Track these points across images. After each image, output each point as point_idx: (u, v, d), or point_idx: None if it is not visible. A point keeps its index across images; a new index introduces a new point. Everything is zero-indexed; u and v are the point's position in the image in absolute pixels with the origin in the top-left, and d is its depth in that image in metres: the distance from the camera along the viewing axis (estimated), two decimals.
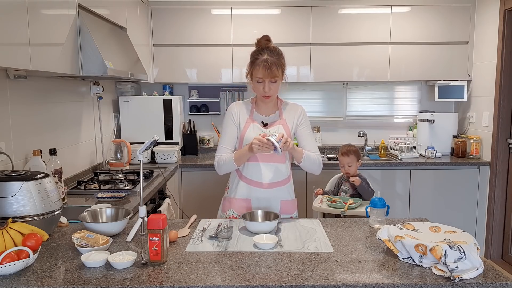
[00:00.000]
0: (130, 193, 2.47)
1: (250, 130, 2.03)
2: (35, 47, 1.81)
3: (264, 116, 2.09)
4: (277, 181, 2.06)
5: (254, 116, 2.08)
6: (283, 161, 2.07)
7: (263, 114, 2.09)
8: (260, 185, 2.04)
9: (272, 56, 1.92)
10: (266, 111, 2.09)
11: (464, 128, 4.15)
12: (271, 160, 2.04)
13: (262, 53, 1.94)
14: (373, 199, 1.85)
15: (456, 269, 1.31)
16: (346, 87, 4.34)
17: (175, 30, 3.89)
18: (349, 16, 3.88)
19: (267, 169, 2.04)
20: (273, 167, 2.05)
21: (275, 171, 2.05)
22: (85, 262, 1.40)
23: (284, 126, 2.06)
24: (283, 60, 1.98)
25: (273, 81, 1.94)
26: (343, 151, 2.81)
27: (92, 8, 2.46)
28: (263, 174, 2.04)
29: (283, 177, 2.08)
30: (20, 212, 1.59)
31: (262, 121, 2.07)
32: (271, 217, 1.84)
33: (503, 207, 3.70)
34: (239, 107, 2.09)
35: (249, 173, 2.05)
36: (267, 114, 2.09)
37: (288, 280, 1.30)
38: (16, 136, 2.20)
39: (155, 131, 3.78)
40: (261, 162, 2.03)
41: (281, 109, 2.10)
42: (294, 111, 2.11)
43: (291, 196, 2.14)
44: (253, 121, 2.06)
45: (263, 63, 1.91)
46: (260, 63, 1.92)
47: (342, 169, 2.81)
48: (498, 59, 3.59)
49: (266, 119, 2.08)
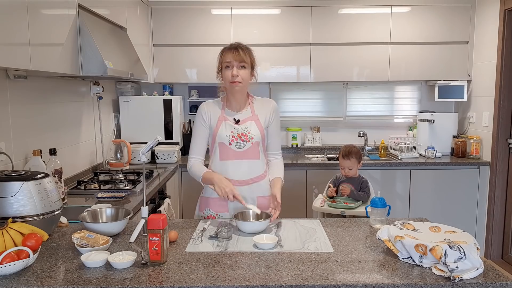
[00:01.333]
0: (130, 193, 2.47)
1: (223, 127, 2.03)
2: (35, 47, 1.81)
3: (236, 113, 2.07)
4: (253, 177, 2.06)
5: (226, 113, 2.07)
6: (258, 157, 2.06)
7: (234, 110, 2.08)
8: (237, 182, 2.02)
9: (241, 45, 2.00)
10: (237, 107, 2.08)
11: (464, 128, 4.15)
12: (245, 157, 2.03)
13: (232, 44, 2.01)
14: (373, 199, 1.85)
15: (456, 269, 1.31)
16: (346, 87, 4.34)
17: (175, 30, 3.89)
18: (349, 16, 3.88)
19: (242, 166, 2.04)
20: (248, 163, 2.04)
21: (250, 167, 2.05)
22: (85, 262, 1.40)
23: (256, 123, 2.06)
24: (253, 55, 2.04)
25: (241, 66, 1.97)
26: (344, 153, 2.76)
27: (92, 8, 2.46)
28: (238, 171, 2.03)
29: (259, 173, 2.08)
30: (20, 212, 1.58)
31: (234, 118, 2.05)
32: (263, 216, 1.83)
33: (503, 207, 3.70)
34: (209, 106, 2.10)
35: (223, 171, 2.03)
36: (239, 110, 2.08)
37: (288, 280, 1.30)
38: (16, 136, 2.20)
39: (155, 131, 3.78)
40: (235, 159, 2.03)
41: (251, 105, 2.10)
42: (266, 107, 2.11)
43: (268, 191, 2.10)
44: (225, 118, 2.05)
45: (230, 47, 1.98)
46: (227, 48, 1.99)
47: (342, 171, 2.79)
48: (498, 59, 3.59)
49: (238, 116, 2.06)
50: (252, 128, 2.04)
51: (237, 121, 2.05)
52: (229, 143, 2.01)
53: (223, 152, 2.03)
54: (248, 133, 2.03)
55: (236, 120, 2.05)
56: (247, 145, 2.03)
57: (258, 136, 2.04)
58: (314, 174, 3.70)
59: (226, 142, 2.01)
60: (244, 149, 2.03)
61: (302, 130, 4.35)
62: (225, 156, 2.03)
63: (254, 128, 2.04)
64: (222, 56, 2.00)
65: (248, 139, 2.02)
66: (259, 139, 2.05)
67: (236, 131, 2.02)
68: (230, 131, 2.02)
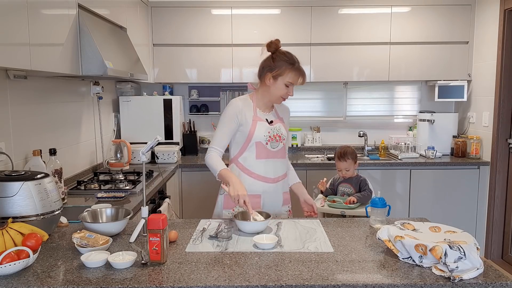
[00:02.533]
0: (130, 193, 2.47)
1: (260, 127, 2.09)
2: (35, 47, 1.81)
3: (265, 114, 2.16)
4: (281, 174, 2.18)
5: (257, 113, 2.13)
6: (284, 156, 2.21)
7: (264, 111, 2.16)
8: (270, 180, 2.13)
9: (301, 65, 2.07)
10: (266, 108, 2.16)
11: (464, 128, 4.15)
12: (277, 156, 2.14)
13: (296, 60, 2.05)
14: (374, 199, 1.85)
15: (456, 269, 1.31)
16: (346, 87, 4.34)
17: (175, 30, 3.89)
18: (349, 16, 3.88)
19: (275, 165, 2.14)
20: (278, 162, 2.16)
21: (280, 165, 2.17)
22: (85, 262, 1.40)
23: (282, 125, 2.19)
24: None
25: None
26: (339, 155, 2.75)
27: (92, 8, 2.46)
28: (272, 170, 2.13)
29: (285, 171, 2.22)
30: (20, 212, 1.58)
31: (266, 118, 2.13)
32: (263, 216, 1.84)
33: (503, 207, 3.70)
34: (243, 105, 2.11)
35: (256, 169, 2.11)
36: (267, 112, 2.17)
37: (288, 280, 1.30)
38: (16, 136, 2.20)
39: (155, 131, 3.78)
40: (269, 158, 2.12)
41: (275, 107, 2.21)
42: (284, 110, 2.26)
43: (288, 187, 2.28)
44: (258, 118, 2.11)
45: (301, 70, 2.04)
46: (298, 68, 2.03)
47: (340, 173, 2.79)
48: (498, 59, 3.59)
49: (268, 117, 2.16)
50: (282, 129, 2.16)
51: (270, 122, 2.13)
52: (265, 143, 2.09)
53: (259, 151, 2.10)
54: (281, 134, 2.14)
55: (269, 121, 2.13)
56: (280, 145, 2.14)
57: (286, 137, 2.18)
58: (314, 174, 3.70)
59: (263, 142, 2.09)
60: (277, 149, 2.13)
61: (302, 130, 4.35)
62: (261, 155, 2.11)
63: (283, 129, 2.17)
64: (289, 71, 2.02)
65: (281, 140, 2.14)
66: (286, 140, 2.19)
67: (272, 132, 2.11)
68: (267, 132, 2.10)
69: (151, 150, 3.67)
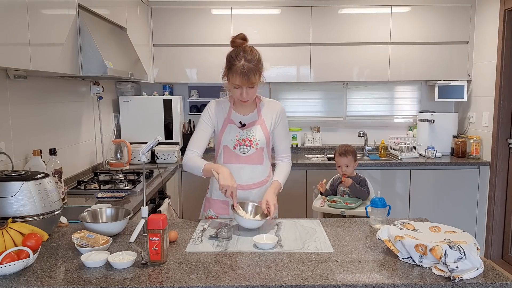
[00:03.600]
0: (130, 193, 2.47)
1: (227, 131, 2.00)
2: (35, 47, 1.80)
3: (242, 116, 2.04)
4: (255, 182, 2.04)
5: (232, 115, 2.03)
6: (261, 162, 2.04)
7: (241, 113, 2.04)
8: (239, 186, 1.96)
9: (249, 61, 1.84)
10: (244, 110, 2.05)
11: (464, 128, 4.15)
12: (248, 162, 2.01)
13: (238, 58, 1.85)
14: (374, 199, 1.85)
15: (456, 269, 1.31)
16: (346, 87, 4.34)
17: (175, 30, 3.89)
18: (349, 16, 3.88)
19: (245, 171, 2.01)
20: (251, 168, 2.02)
21: (252, 172, 2.03)
22: (85, 262, 1.40)
23: (261, 127, 2.02)
24: (261, 65, 1.91)
25: (250, 87, 1.88)
26: (340, 151, 2.78)
27: (92, 8, 2.46)
28: (241, 176, 2.00)
29: (262, 178, 2.06)
30: (20, 212, 1.58)
31: (240, 121, 2.02)
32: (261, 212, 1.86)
33: (503, 207, 3.70)
34: (217, 106, 2.05)
35: None
36: (246, 113, 2.04)
37: (288, 280, 1.30)
38: (16, 136, 2.20)
39: (155, 131, 3.78)
40: (239, 164, 2.01)
41: (259, 107, 2.06)
42: (272, 109, 2.06)
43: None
44: (231, 121, 2.02)
45: (240, 69, 1.83)
46: (237, 69, 1.84)
47: (339, 169, 2.79)
48: (498, 59, 3.59)
49: (244, 119, 2.03)
50: (257, 133, 2.01)
51: (242, 124, 2.02)
52: (233, 147, 2.00)
53: (227, 155, 2.02)
54: (253, 138, 2.00)
55: (242, 124, 2.02)
56: (251, 150, 2.00)
57: (262, 141, 2.01)
58: (314, 174, 3.70)
59: (230, 146, 2.00)
60: (248, 154, 2.00)
61: (302, 130, 4.35)
62: (229, 159, 2.01)
63: (259, 133, 2.01)
64: (230, 73, 1.87)
65: (253, 144, 2.00)
66: (263, 144, 2.02)
67: (241, 136, 2.00)
68: (235, 135, 1.99)
69: (151, 150, 3.67)
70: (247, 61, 1.84)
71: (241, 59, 1.84)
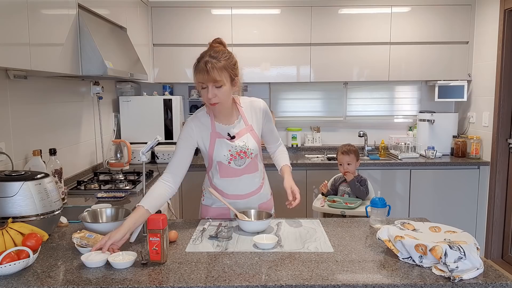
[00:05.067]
0: (130, 193, 2.47)
1: (218, 147, 1.86)
2: (35, 47, 1.80)
3: (228, 126, 1.88)
4: (252, 190, 1.99)
5: (217, 128, 1.87)
6: (256, 169, 1.98)
7: (225, 123, 1.88)
8: (239, 196, 1.96)
9: (213, 58, 1.71)
10: (226, 119, 1.89)
11: (464, 128, 4.15)
12: (245, 173, 1.93)
13: (203, 57, 1.73)
14: (374, 199, 1.85)
15: (456, 269, 1.31)
16: (346, 87, 4.34)
17: (175, 30, 3.89)
18: (349, 16, 3.88)
19: (242, 182, 1.94)
20: (248, 178, 1.95)
21: (250, 180, 1.96)
22: (85, 262, 1.40)
23: (251, 134, 1.91)
24: (231, 64, 1.76)
25: (217, 86, 1.72)
26: (343, 150, 2.80)
27: (92, 8, 2.46)
28: (239, 187, 1.95)
29: (258, 185, 2.00)
30: (20, 212, 1.58)
31: (228, 133, 1.87)
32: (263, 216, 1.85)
33: (503, 207, 3.70)
34: (197, 123, 1.88)
35: (225, 188, 1.95)
36: (230, 122, 1.89)
37: (288, 280, 1.30)
38: (16, 136, 2.20)
39: (155, 131, 3.78)
40: (235, 177, 1.92)
41: (242, 113, 1.91)
42: (255, 110, 1.94)
43: (267, 196, 2.07)
44: (218, 135, 1.86)
45: (201, 66, 1.71)
46: (199, 66, 1.72)
47: (341, 168, 2.80)
48: (498, 59, 3.59)
49: (231, 130, 1.88)
50: (250, 142, 1.89)
51: (232, 137, 1.87)
52: (227, 162, 1.88)
53: (223, 171, 1.92)
54: (247, 149, 1.88)
55: (231, 136, 1.87)
56: (247, 161, 1.90)
57: (256, 149, 1.92)
58: (314, 174, 3.70)
59: (224, 162, 1.88)
60: (245, 165, 1.91)
61: (302, 130, 4.35)
62: (226, 174, 1.92)
63: (252, 141, 1.90)
64: (194, 74, 1.75)
65: (248, 155, 1.89)
66: (257, 151, 1.94)
67: (234, 149, 1.86)
68: (228, 150, 1.86)
69: (151, 150, 3.67)
70: (210, 57, 1.72)
71: (206, 56, 1.73)
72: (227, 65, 1.74)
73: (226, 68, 1.73)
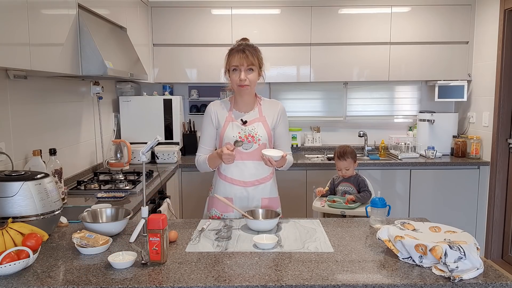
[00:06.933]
0: (130, 193, 2.47)
1: (230, 128, 2.05)
2: (35, 47, 1.80)
3: (243, 113, 2.08)
4: (259, 178, 2.08)
5: (233, 114, 2.08)
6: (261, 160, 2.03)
7: (242, 111, 2.09)
8: (242, 183, 2.06)
9: (250, 46, 1.98)
10: (245, 107, 2.09)
11: (464, 128, 4.15)
12: (251, 158, 2.05)
13: (240, 44, 2.00)
14: (374, 199, 1.85)
15: (456, 269, 1.31)
16: (346, 87, 4.34)
17: (175, 30, 3.89)
18: (349, 16, 3.88)
19: (248, 167, 2.06)
20: (254, 165, 2.06)
21: (256, 168, 2.06)
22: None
23: (263, 123, 2.07)
24: (260, 55, 2.03)
25: (249, 68, 1.96)
26: (339, 154, 2.76)
27: (92, 8, 2.46)
28: (244, 172, 2.06)
29: (265, 174, 2.10)
30: (20, 212, 1.58)
31: (241, 119, 2.07)
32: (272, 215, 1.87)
33: (503, 207, 3.70)
34: (217, 106, 2.11)
35: (229, 172, 2.07)
36: (246, 111, 2.09)
37: (288, 280, 1.30)
38: (16, 136, 2.20)
39: (155, 131, 3.78)
40: (242, 160, 2.05)
41: (260, 105, 2.11)
42: (273, 108, 2.12)
43: (274, 193, 2.15)
44: (232, 119, 2.07)
45: (238, 48, 1.97)
46: (235, 50, 1.97)
47: (339, 172, 2.79)
48: (498, 59, 3.59)
49: (245, 117, 2.07)
50: (259, 129, 2.05)
51: (244, 122, 2.06)
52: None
53: None
54: (255, 134, 2.04)
55: (243, 121, 2.06)
56: (254, 146, 2.03)
57: (265, 137, 2.05)
58: (314, 174, 3.70)
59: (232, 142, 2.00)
60: (251, 150, 2.04)
61: (302, 130, 4.35)
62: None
63: (261, 129, 2.05)
64: (229, 58, 1.99)
65: (255, 140, 2.03)
66: (266, 140, 2.06)
67: (244, 132, 2.03)
68: (238, 132, 2.03)
69: (151, 150, 3.67)
70: (247, 45, 1.99)
71: (242, 44, 2.00)
72: (259, 55, 2.02)
73: (258, 57, 2.00)
